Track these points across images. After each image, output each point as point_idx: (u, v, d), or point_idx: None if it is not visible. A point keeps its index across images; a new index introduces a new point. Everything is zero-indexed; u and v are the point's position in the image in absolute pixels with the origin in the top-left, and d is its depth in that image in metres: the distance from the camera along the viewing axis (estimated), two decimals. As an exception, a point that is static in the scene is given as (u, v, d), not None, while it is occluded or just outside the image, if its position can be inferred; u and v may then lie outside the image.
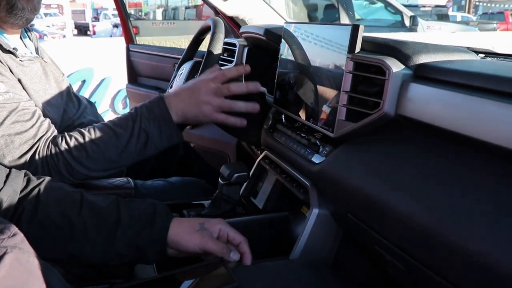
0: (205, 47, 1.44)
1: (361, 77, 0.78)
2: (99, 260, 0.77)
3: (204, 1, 1.83)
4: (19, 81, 1.05)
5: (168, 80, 1.80)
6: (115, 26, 14.26)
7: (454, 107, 0.63)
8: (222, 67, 1.45)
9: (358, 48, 0.79)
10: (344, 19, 4.22)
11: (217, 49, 1.37)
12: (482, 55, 1.00)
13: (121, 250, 0.76)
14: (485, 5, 20.21)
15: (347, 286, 0.84)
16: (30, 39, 1.21)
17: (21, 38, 1.17)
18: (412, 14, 6.70)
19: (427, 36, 4.56)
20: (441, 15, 14.26)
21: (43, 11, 18.26)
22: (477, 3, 20.66)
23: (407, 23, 6.48)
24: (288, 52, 1.02)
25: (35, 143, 0.98)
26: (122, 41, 2.70)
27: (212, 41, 1.35)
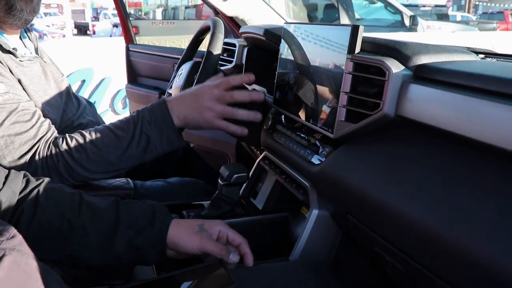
0: (205, 47, 1.44)
1: (361, 78, 0.78)
2: (98, 261, 0.77)
3: (203, 1, 1.83)
4: (19, 81, 1.05)
5: (167, 80, 1.80)
6: (115, 25, 14.26)
7: (454, 108, 0.63)
8: (222, 67, 1.46)
9: (358, 48, 0.79)
10: (344, 19, 4.22)
11: (217, 49, 1.37)
12: (482, 56, 1.00)
13: (120, 251, 0.76)
14: (485, 4, 20.20)
15: (347, 287, 0.84)
16: (29, 39, 1.21)
17: (20, 38, 1.17)
18: (412, 13, 6.71)
19: (427, 36, 4.55)
20: (441, 15, 14.27)
21: (43, 10, 18.25)
22: (477, 3, 20.65)
23: (407, 22, 6.48)
24: (287, 52, 1.02)
25: (35, 144, 0.98)
26: (122, 41, 2.70)
27: (211, 41, 1.35)
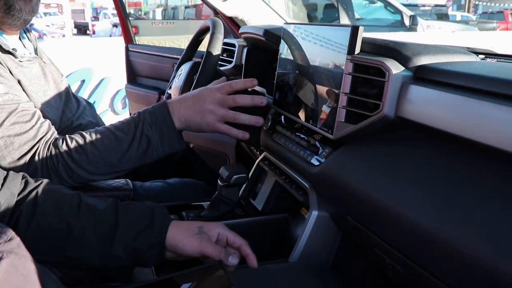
0: (204, 47, 1.44)
1: (361, 78, 0.78)
2: (96, 263, 0.77)
3: (203, 1, 1.83)
4: (19, 82, 1.04)
5: (167, 80, 1.80)
6: (115, 25, 14.28)
7: (454, 109, 0.63)
8: (221, 68, 1.46)
9: (357, 49, 0.79)
10: (343, 18, 4.22)
11: (216, 50, 1.36)
12: (482, 56, 1.00)
13: (119, 253, 0.76)
14: (484, 4, 20.18)
15: (347, 288, 0.84)
16: (29, 40, 1.21)
17: (20, 38, 1.17)
18: (411, 13, 6.71)
19: (427, 35, 4.55)
20: (441, 15, 14.27)
21: (43, 10, 18.24)
22: (477, 2, 20.63)
23: (407, 22, 6.47)
24: (287, 52, 1.02)
25: (34, 144, 0.97)
26: (121, 40, 2.69)
27: (211, 42, 1.34)
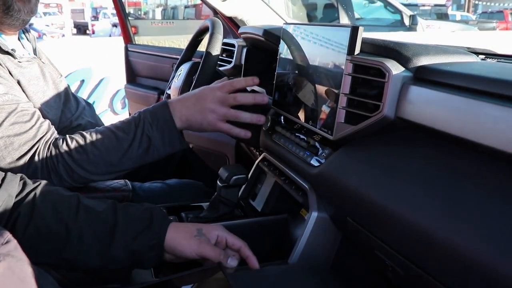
0: (204, 47, 1.44)
1: (361, 79, 0.77)
2: (95, 265, 0.76)
3: (203, 1, 1.83)
4: (18, 82, 1.04)
5: (166, 80, 1.79)
6: (114, 25, 14.27)
7: (454, 110, 0.62)
8: (221, 68, 1.45)
9: (357, 50, 0.78)
10: (343, 18, 4.22)
11: (216, 50, 1.36)
12: (482, 57, 0.99)
13: (118, 255, 0.75)
14: (484, 4, 20.15)
15: (346, 290, 0.84)
16: (28, 40, 1.21)
17: (19, 39, 1.17)
18: (411, 13, 6.71)
19: (427, 35, 4.55)
20: (441, 14, 14.28)
21: (42, 10, 18.24)
22: (477, 2, 20.61)
23: (407, 22, 6.48)
24: (287, 52, 1.01)
25: (34, 144, 0.97)
26: (121, 40, 2.69)
27: (210, 42, 1.34)
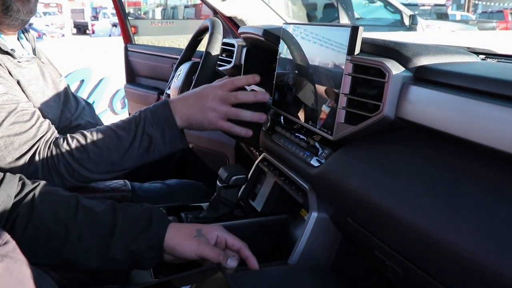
0: (203, 47, 1.43)
1: (361, 79, 0.77)
2: (94, 265, 0.76)
3: (202, 1, 1.82)
4: (18, 82, 1.04)
5: (166, 80, 1.79)
6: (114, 25, 14.27)
7: (454, 110, 0.62)
8: (220, 68, 1.45)
9: (357, 50, 0.78)
10: (343, 18, 4.22)
11: (215, 50, 1.36)
12: (482, 57, 0.99)
13: (117, 255, 0.75)
14: (484, 3, 20.13)
15: (346, 290, 0.84)
16: (27, 40, 1.20)
17: (18, 39, 1.16)
18: (411, 13, 6.71)
19: (427, 35, 4.55)
20: (441, 14, 14.28)
21: (42, 10, 18.23)
22: (476, 2, 20.59)
23: (407, 22, 6.48)
24: (287, 52, 1.01)
25: (34, 144, 0.97)
26: (121, 40, 2.69)
27: (210, 42, 1.34)
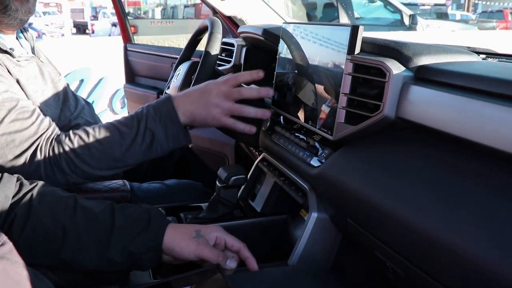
0: (203, 46, 1.43)
1: (361, 79, 0.77)
2: (92, 266, 0.75)
3: (202, 1, 1.82)
4: (17, 81, 1.04)
5: (165, 80, 1.79)
6: (114, 25, 14.27)
7: (456, 110, 0.61)
8: (220, 67, 1.44)
9: (357, 49, 0.78)
10: (343, 18, 4.21)
11: (215, 49, 1.35)
12: (483, 56, 0.99)
13: (115, 256, 0.75)
14: (484, 3, 20.12)
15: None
16: (26, 39, 1.20)
17: (17, 38, 1.16)
18: (411, 12, 6.71)
19: (427, 35, 4.54)
20: (440, 14, 14.29)
21: (42, 9, 18.21)
22: (476, 1, 20.58)
23: (407, 22, 6.48)
24: (286, 52, 1.01)
25: (35, 140, 0.96)
26: (120, 40, 2.68)
27: (209, 41, 1.33)
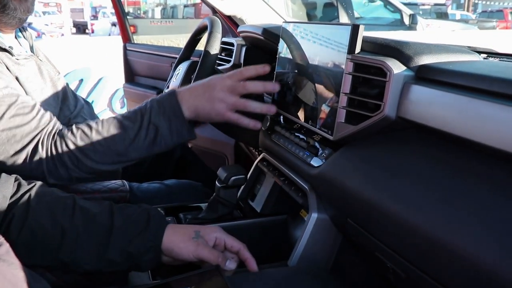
0: (203, 46, 1.42)
1: (361, 78, 0.76)
2: (91, 267, 0.75)
3: (202, 0, 1.81)
4: (16, 79, 1.03)
5: (165, 79, 1.78)
6: (114, 24, 14.27)
7: (457, 110, 0.61)
8: (219, 67, 1.44)
9: (358, 48, 0.77)
10: (343, 17, 4.21)
11: (215, 49, 1.34)
12: (484, 56, 0.98)
13: (114, 257, 0.74)
14: (484, 3, 20.11)
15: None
16: (24, 38, 1.20)
17: (15, 37, 1.16)
18: (411, 12, 6.71)
19: (427, 34, 4.54)
20: (440, 13, 14.29)
21: (42, 9, 18.22)
22: (476, 1, 20.58)
23: (407, 21, 6.48)
24: (286, 52, 1.00)
25: (36, 135, 0.96)
26: (120, 40, 2.68)
27: (209, 41, 1.32)
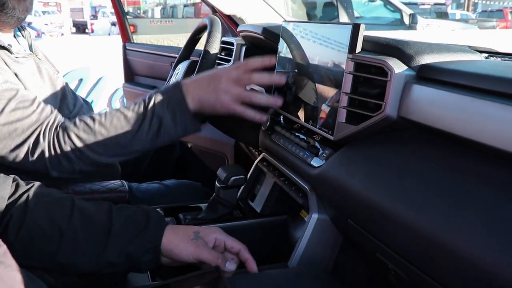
0: (202, 45, 1.42)
1: (362, 78, 0.76)
2: (89, 268, 0.74)
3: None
4: (16, 75, 1.03)
5: (165, 79, 1.78)
6: (113, 24, 14.27)
7: (458, 110, 0.60)
8: (219, 67, 1.43)
9: (359, 48, 0.77)
10: (343, 17, 4.19)
11: (214, 48, 1.34)
12: (485, 55, 0.98)
13: (113, 258, 0.74)
14: (484, 2, 20.11)
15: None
16: (23, 37, 1.20)
17: (14, 36, 1.15)
18: (411, 12, 6.71)
19: (427, 34, 4.54)
20: (440, 13, 14.28)
21: (42, 9, 18.21)
22: (476, 1, 20.58)
23: (407, 21, 6.48)
24: (286, 51, 1.00)
25: (37, 128, 0.95)
26: (119, 39, 2.67)
27: (209, 40, 1.32)
